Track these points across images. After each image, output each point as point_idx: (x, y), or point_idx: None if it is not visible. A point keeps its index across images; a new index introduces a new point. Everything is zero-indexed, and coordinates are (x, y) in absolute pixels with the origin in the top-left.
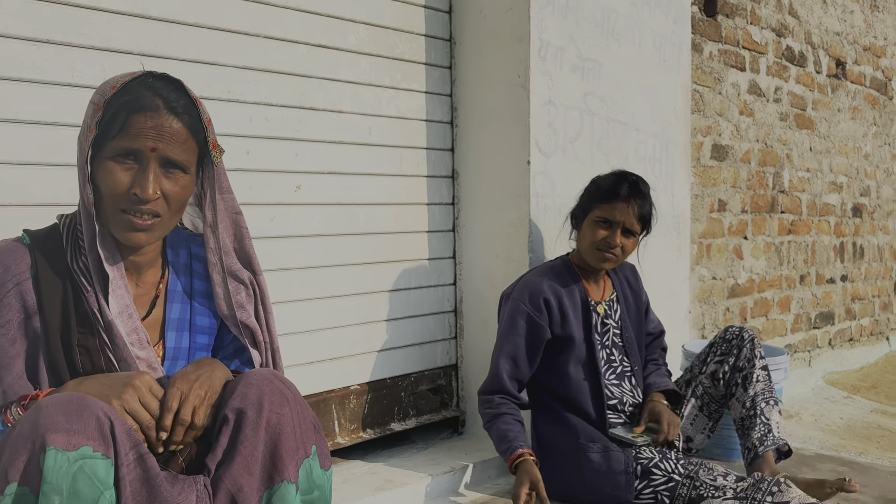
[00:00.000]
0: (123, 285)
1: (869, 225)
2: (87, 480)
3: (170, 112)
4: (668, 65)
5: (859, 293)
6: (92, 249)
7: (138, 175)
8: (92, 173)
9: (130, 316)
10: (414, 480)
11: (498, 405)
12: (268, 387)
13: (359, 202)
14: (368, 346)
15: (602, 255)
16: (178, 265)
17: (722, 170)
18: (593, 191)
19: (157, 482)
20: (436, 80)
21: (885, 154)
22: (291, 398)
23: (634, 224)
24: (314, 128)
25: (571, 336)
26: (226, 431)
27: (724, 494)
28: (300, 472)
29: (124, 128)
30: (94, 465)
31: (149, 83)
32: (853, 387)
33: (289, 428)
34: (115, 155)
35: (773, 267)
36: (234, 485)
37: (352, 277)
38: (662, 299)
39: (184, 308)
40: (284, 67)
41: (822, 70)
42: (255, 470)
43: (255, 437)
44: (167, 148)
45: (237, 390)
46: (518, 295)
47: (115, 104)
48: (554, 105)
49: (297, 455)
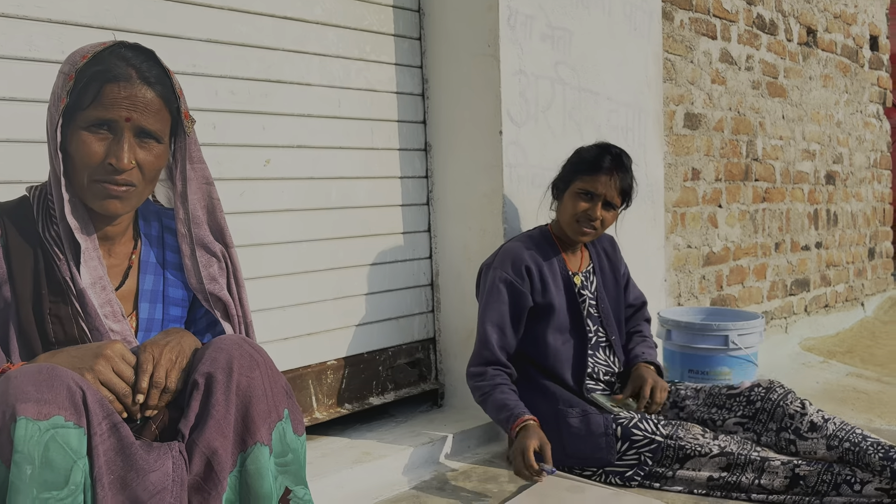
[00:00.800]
0: (96, 256)
1: (842, 192)
2: (60, 450)
3: (143, 82)
4: (638, 33)
5: (834, 260)
6: (63, 219)
7: (113, 145)
8: (63, 142)
9: (104, 288)
10: (393, 452)
11: (493, 377)
12: (237, 351)
13: (330, 176)
14: (344, 320)
15: (581, 228)
16: (150, 236)
17: (695, 138)
18: (576, 162)
19: (133, 451)
20: (406, 52)
21: (857, 121)
22: (262, 362)
23: (615, 197)
24: (282, 101)
25: (552, 304)
26: (196, 396)
27: (710, 451)
28: (273, 435)
29: (98, 98)
30: (67, 434)
31: (121, 53)
32: (829, 352)
33: (259, 391)
34: (88, 125)
35: (747, 235)
36: (209, 448)
37: (325, 252)
38: (638, 268)
39: (157, 280)
40: (250, 40)
41: (794, 38)
42: (229, 433)
43: (227, 401)
44: (141, 118)
45: (206, 355)
46: (499, 264)
47: (86, 74)
48: (525, 74)
49: (270, 418)
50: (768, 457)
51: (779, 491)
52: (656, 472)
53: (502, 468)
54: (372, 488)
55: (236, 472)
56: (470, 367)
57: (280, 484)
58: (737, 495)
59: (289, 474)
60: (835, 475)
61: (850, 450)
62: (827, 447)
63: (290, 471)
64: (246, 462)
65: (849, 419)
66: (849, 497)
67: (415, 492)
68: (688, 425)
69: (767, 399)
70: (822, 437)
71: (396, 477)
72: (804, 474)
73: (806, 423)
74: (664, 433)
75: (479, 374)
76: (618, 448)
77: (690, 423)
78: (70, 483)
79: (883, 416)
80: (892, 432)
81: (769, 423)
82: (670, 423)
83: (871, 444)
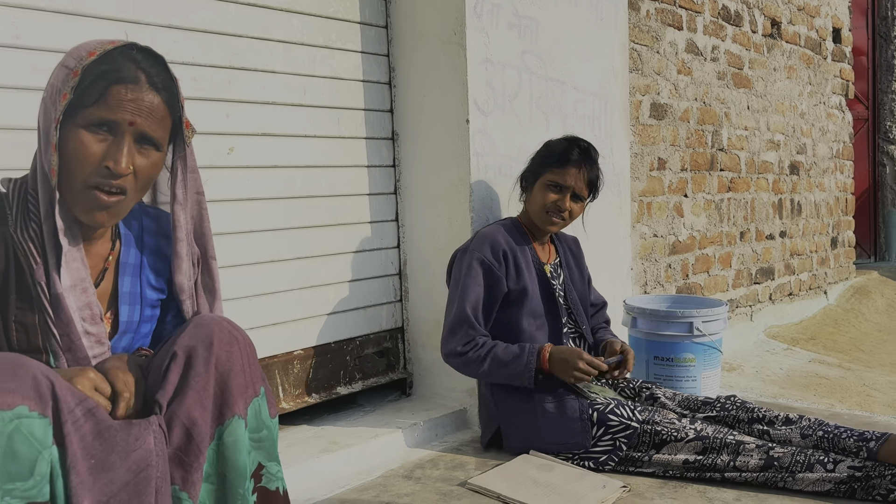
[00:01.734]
0: (79, 258)
1: (806, 182)
2: (24, 440)
3: (150, 87)
4: (605, 23)
5: (798, 249)
6: (48, 218)
7: (112, 147)
8: (59, 140)
9: (85, 290)
10: (360, 441)
11: (483, 342)
12: (217, 327)
13: (296, 164)
14: (311, 310)
15: (551, 218)
16: (129, 238)
17: (661, 128)
18: (546, 155)
19: (112, 433)
20: (372, 40)
21: (821, 113)
22: (241, 339)
23: (583, 189)
24: (245, 88)
25: (526, 288)
26: (175, 368)
27: (686, 436)
28: (249, 411)
29: (102, 97)
30: (31, 424)
31: (131, 54)
32: (793, 339)
33: (238, 366)
34: (88, 124)
35: (713, 224)
36: (189, 419)
37: (291, 241)
38: (604, 257)
39: (135, 281)
40: (213, 26)
41: (758, 29)
42: (208, 404)
43: (207, 373)
44: (145, 123)
45: (187, 330)
46: (477, 247)
47: (93, 72)
48: (491, 63)
49: (247, 393)
50: (744, 440)
51: (753, 470)
52: (632, 457)
53: (470, 456)
54: (339, 477)
55: (213, 445)
56: (450, 347)
57: (253, 459)
58: (710, 475)
59: (262, 450)
60: (808, 456)
61: (824, 437)
62: (801, 436)
63: (264, 447)
64: (223, 434)
65: (811, 404)
66: (821, 474)
67: (382, 480)
68: (663, 411)
69: (743, 406)
70: (797, 428)
71: (364, 466)
72: (778, 455)
73: (781, 418)
74: (640, 419)
75: (467, 343)
76: (593, 433)
77: (666, 409)
78: (35, 474)
79: (844, 401)
80: (853, 416)
81: (741, 414)
82: (647, 409)
83: (844, 431)
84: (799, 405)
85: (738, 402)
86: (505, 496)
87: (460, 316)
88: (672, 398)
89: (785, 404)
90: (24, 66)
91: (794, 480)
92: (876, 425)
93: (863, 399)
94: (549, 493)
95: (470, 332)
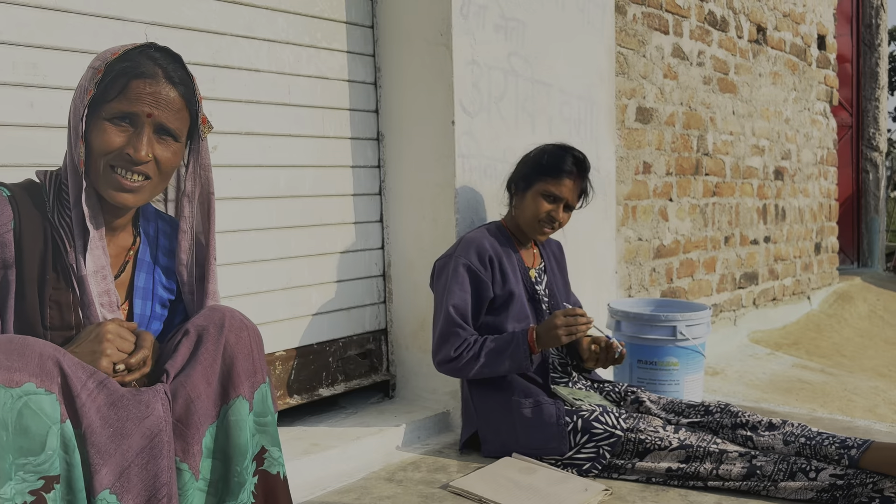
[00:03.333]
0: (101, 246)
1: (790, 188)
2: (34, 416)
3: (167, 81)
4: (591, 26)
5: (781, 254)
6: (77, 206)
7: (133, 137)
8: (85, 132)
9: (105, 277)
10: (342, 443)
11: (474, 339)
12: (229, 313)
13: (279, 164)
14: (294, 311)
15: (542, 228)
16: (148, 235)
17: (647, 132)
18: (540, 163)
19: (125, 402)
20: (357, 40)
21: (805, 119)
22: (251, 328)
23: (575, 200)
24: (229, 87)
25: (512, 292)
26: (186, 343)
27: (670, 444)
28: (256, 395)
29: (123, 91)
30: (40, 400)
31: (149, 53)
32: (776, 344)
33: (245, 351)
34: (111, 116)
35: (698, 228)
36: (194, 391)
37: (274, 241)
38: (589, 260)
39: (148, 278)
40: (196, 24)
41: (744, 35)
42: (213, 381)
43: (216, 351)
44: (162, 115)
45: (202, 313)
46: (462, 252)
47: (115, 69)
48: (477, 65)
49: (255, 378)
50: (727, 449)
51: (735, 479)
52: (615, 465)
53: (452, 458)
54: (320, 479)
55: (217, 423)
56: (443, 354)
57: (257, 442)
58: (693, 483)
59: (266, 434)
60: (791, 464)
61: (805, 444)
62: (784, 442)
63: (268, 432)
64: (228, 413)
65: (793, 408)
66: (803, 483)
67: (364, 482)
68: (648, 418)
69: (726, 410)
70: (780, 434)
71: (345, 468)
72: (761, 464)
73: (764, 423)
74: (624, 426)
75: (458, 346)
76: (577, 440)
77: (651, 416)
78: (47, 448)
79: (825, 405)
80: (834, 421)
81: (725, 419)
82: (631, 416)
83: (826, 437)
84: (781, 409)
85: (722, 405)
86: (486, 499)
87: (449, 322)
88: (657, 402)
89: (767, 408)
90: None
91: (777, 489)
92: (856, 430)
93: (844, 404)
94: (530, 495)
95: (461, 332)
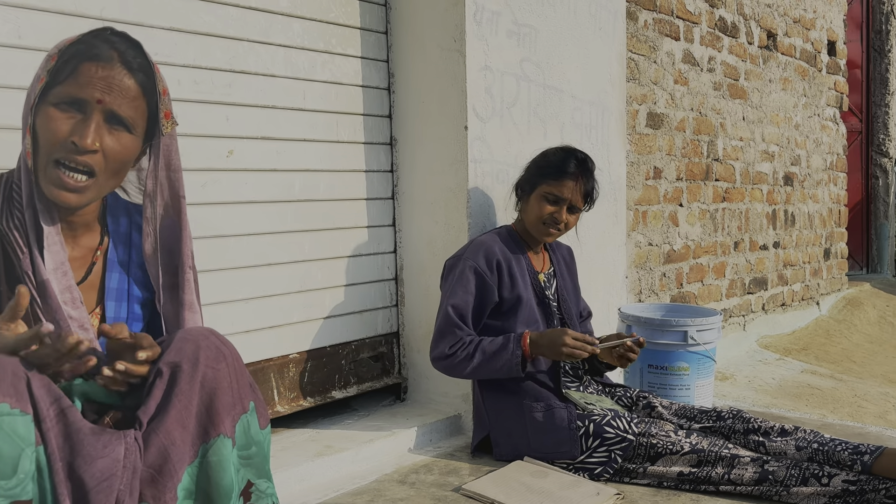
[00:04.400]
0: (59, 241)
1: (800, 193)
2: (7, 438)
3: (123, 66)
4: (603, 32)
5: (791, 259)
6: (30, 205)
7: (79, 124)
8: (33, 122)
9: (65, 273)
10: (355, 445)
11: (470, 339)
12: (204, 342)
13: (294, 168)
14: (307, 314)
15: (547, 230)
16: (118, 233)
17: (657, 137)
18: (543, 165)
19: (80, 436)
20: (372, 46)
21: (815, 125)
22: (228, 354)
23: (579, 201)
24: (245, 92)
25: (520, 297)
26: (159, 385)
27: (681, 449)
28: (237, 428)
29: (73, 74)
30: (13, 421)
31: (106, 36)
32: (785, 349)
33: (225, 383)
34: (58, 102)
35: (707, 233)
36: (167, 438)
37: (288, 245)
38: (600, 265)
39: (122, 278)
40: (214, 29)
41: (754, 41)
42: (189, 424)
43: (191, 391)
44: (114, 101)
45: (172, 345)
46: (471, 255)
47: (68, 52)
48: (490, 70)
49: (234, 410)
50: (739, 454)
51: (747, 483)
52: (626, 469)
53: (464, 461)
54: (333, 481)
55: (196, 463)
56: (438, 350)
57: (242, 477)
58: (705, 488)
59: (252, 467)
60: (803, 469)
61: (818, 450)
62: (796, 448)
63: (252, 464)
64: (208, 453)
65: (803, 414)
66: (815, 488)
67: (376, 485)
68: (660, 423)
69: (738, 416)
70: (792, 440)
71: (358, 470)
72: (773, 469)
73: (776, 429)
74: (636, 431)
75: (454, 344)
76: (589, 445)
77: (663, 421)
78: (19, 472)
79: (835, 411)
80: (845, 427)
81: (737, 425)
82: (643, 421)
83: (838, 443)
84: (791, 415)
85: (734, 412)
86: (499, 502)
87: (448, 320)
88: (668, 407)
89: (777, 414)
90: (26, 66)
91: (789, 494)
92: (867, 436)
93: (854, 410)
94: (542, 499)
95: (458, 332)
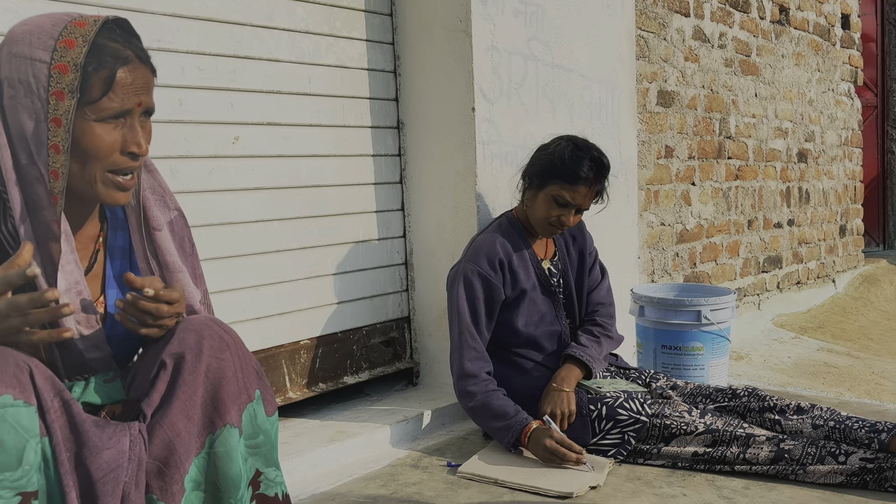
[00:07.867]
0: (74, 260)
1: (814, 170)
2: (11, 429)
3: (142, 62)
4: (611, 9)
5: (806, 237)
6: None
7: (128, 132)
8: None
9: (80, 293)
10: (367, 430)
11: (486, 381)
12: (207, 331)
13: (301, 154)
14: (318, 300)
15: (552, 230)
16: (115, 220)
17: (668, 116)
18: (557, 164)
19: (85, 427)
20: (377, 28)
21: (829, 100)
22: (232, 343)
23: (589, 204)
24: (250, 77)
25: (523, 291)
26: (163, 377)
27: (696, 429)
28: (244, 417)
29: (110, 88)
30: (17, 413)
31: (114, 34)
32: (801, 328)
33: (230, 372)
34: (105, 118)
35: (721, 212)
36: (172, 429)
37: (297, 231)
38: (612, 245)
39: (124, 265)
40: (216, 15)
41: (766, 16)
42: (195, 415)
43: (195, 382)
44: (148, 98)
45: (175, 335)
46: (473, 258)
47: (89, 65)
48: (497, 50)
49: (240, 399)
50: (754, 433)
51: (763, 462)
52: (640, 450)
53: (477, 445)
54: (346, 466)
55: (203, 454)
56: (460, 367)
57: (250, 466)
58: (720, 468)
59: (259, 456)
60: (820, 447)
61: (835, 427)
62: (812, 426)
63: (260, 452)
64: (215, 444)
65: (820, 392)
66: (832, 466)
67: (389, 469)
68: (674, 403)
69: (754, 394)
70: (808, 418)
71: (371, 455)
72: (789, 448)
73: (792, 407)
74: (649, 412)
75: (473, 375)
76: (602, 427)
77: (677, 401)
78: (24, 463)
79: (853, 389)
80: (862, 405)
81: (752, 403)
82: (657, 402)
83: (855, 421)
84: (808, 393)
85: (749, 389)
86: (502, 480)
87: (467, 336)
88: (683, 388)
89: (794, 392)
90: None
91: (806, 473)
92: (885, 414)
93: (872, 387)
94: (544, 472)
95: (474, 355)
